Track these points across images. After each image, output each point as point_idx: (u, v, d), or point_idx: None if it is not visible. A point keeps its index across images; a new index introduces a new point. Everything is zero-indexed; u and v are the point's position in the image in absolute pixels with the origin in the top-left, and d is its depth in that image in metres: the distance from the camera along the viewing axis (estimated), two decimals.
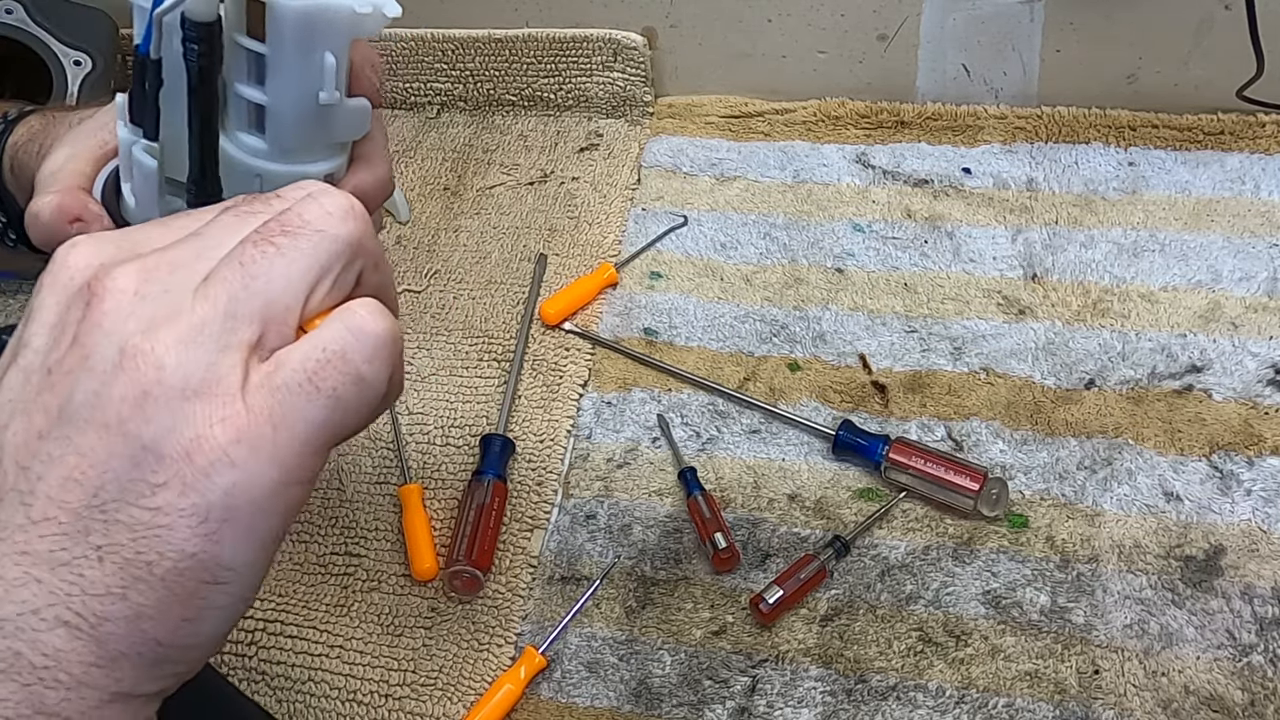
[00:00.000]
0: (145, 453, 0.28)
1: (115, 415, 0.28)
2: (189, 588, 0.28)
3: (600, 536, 0.74)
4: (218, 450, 0.28)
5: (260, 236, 0.30)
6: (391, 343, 0.31)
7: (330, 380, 0.29)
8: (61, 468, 0.28)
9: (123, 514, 0.28)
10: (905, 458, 0.71)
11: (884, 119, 0.95)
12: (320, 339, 0.30)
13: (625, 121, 1.00)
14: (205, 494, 0.28)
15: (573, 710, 0.66)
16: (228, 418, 0.28)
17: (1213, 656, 0.64)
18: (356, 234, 0.31)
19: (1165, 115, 0.90)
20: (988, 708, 0.63)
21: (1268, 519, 0.68)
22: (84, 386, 0.28)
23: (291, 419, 0.29)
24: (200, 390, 0.28)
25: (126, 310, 0.29)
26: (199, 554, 0.28)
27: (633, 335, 0.84)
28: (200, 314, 0.29)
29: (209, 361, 0.28)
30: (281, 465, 0.29)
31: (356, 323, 0.30)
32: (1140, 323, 0.79)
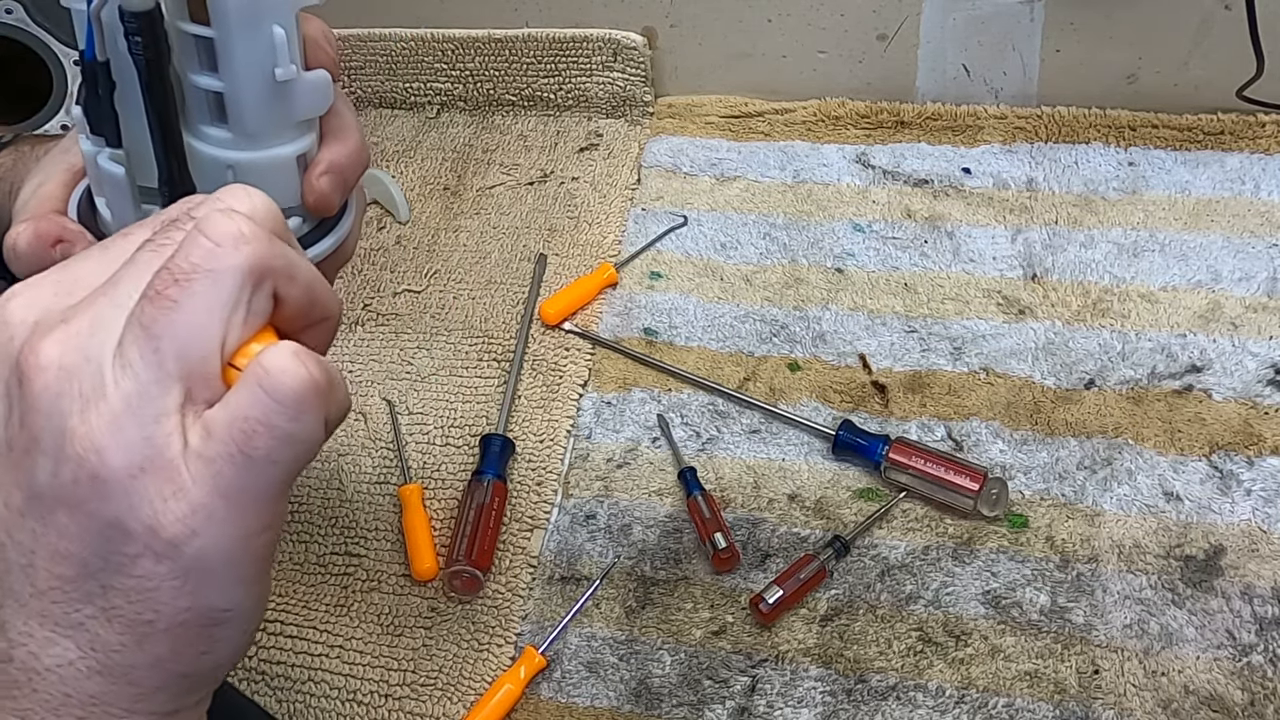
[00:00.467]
0: (113, 530, 0.29)
1: (76, 496, 0.29)
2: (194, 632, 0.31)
3: (600, 536, 0.74)
4: (177, 523, 0.29)
5: (155, 292, 0.29)
6: (313, 391, 0.30)
7: (261, 447, 0.29)
8: (46, 543, 0.29)
9: (114, 581, 0.29)
10: (905, 458, 0.71)
11: (884, 119, 0.95)
12: (239, 408, 0.29)
13: (625, 121, 1.00)
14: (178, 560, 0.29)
15: (573, 710, 0.66)
16: (177, 491, 0.29)
17: (1213, 656, 0.64)
18: (251, 259, 0.30)
19: (1165, 115, 0.90)
20: (988, 708, 0.63)
21: (1268, 519, 0.68)
22: (42, 468, 0.29)
23: (235, 488, 0.29)
24: (144, 466, 0.29)
25: (55, 389, 0.29)
26: (192, 607, 0.30)
27: (633, 335, 0.84)
28: (124, 389, 0.29)
29: (144, 436, 0.29)
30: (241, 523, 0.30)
31: (271, 383, 0.29)
32: (1140, 323, 0.79)
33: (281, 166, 0.42)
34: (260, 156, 0.41)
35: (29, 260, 0.43)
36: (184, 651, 0.31)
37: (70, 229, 0.44)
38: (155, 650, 0.30)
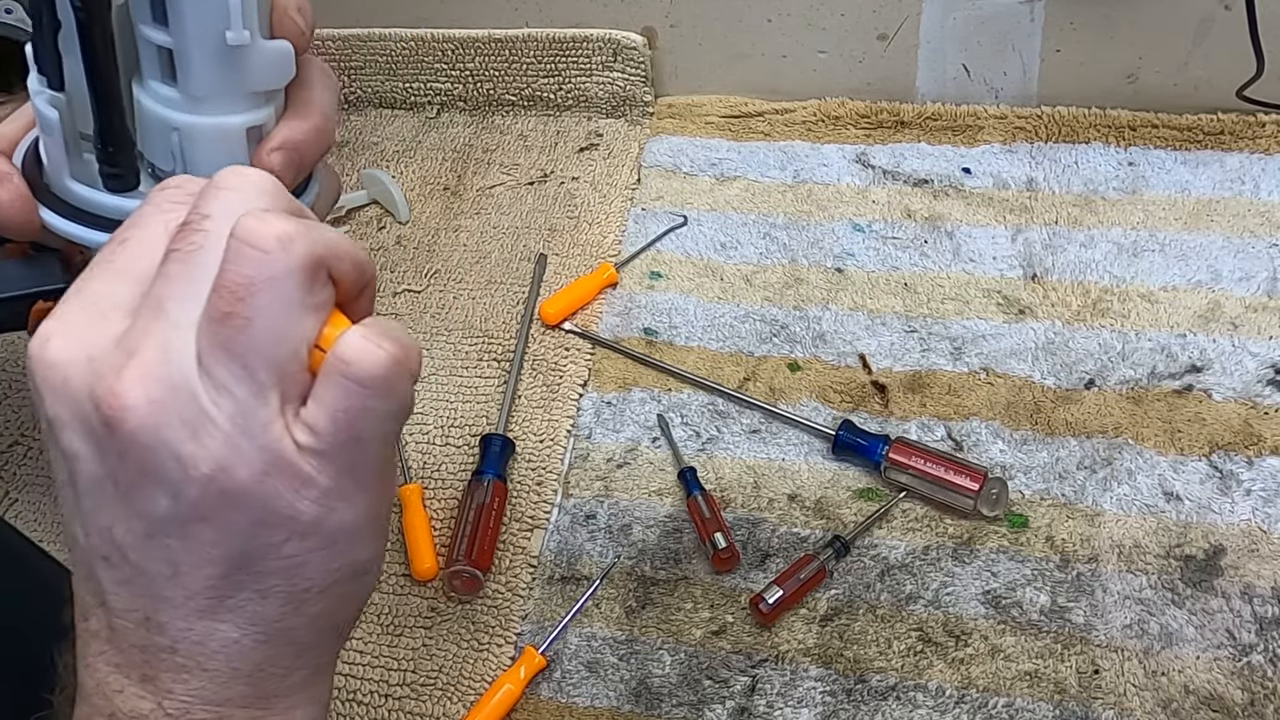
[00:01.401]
0: (255, 528, 0.30)
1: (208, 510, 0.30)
2: (344, 587, 0.33)
3: (600, 536, 0.74)
4: (313, 507, 0.31)
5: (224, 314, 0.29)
6: (394, 365, 0.31)
7: (365, 429, 0.31)
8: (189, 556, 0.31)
9: (263, 566, 0.31)
10: (905, 458, 0.71)
11: (884, 119, 0.95)
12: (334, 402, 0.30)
13: (625, 121, 1.00)
14: (322, 534, 0.31)
15: (573, 710, 0.66)
16: (305, 483, 0.31)
17: (1213, 656, 0.64)
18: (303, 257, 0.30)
19: (1165, 115, 0.90)
20: (987, 708, 0.63)
21: (1268, 519, 0.68)
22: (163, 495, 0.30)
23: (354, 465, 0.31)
24: (268, 471, 0.30)
25: (153, 423, 0.29)
26: (340, 566, 0.32)
27: (633, 335, 0.84)
28: (227, 410, 0.30)
29: (259, 446, 0.30)
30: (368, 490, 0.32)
31: (355, 372, 0.30)
32: (1140, 323, 0.79)
33: (229, 136, 0.40)
34: (207, 123, 0.40)
35: None
36: (337, 605, 0.33)
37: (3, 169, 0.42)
38: (312, 610, 0.32)
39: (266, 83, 0.40)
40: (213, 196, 0.31)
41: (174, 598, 0.31)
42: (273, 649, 0.32)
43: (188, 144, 0.40)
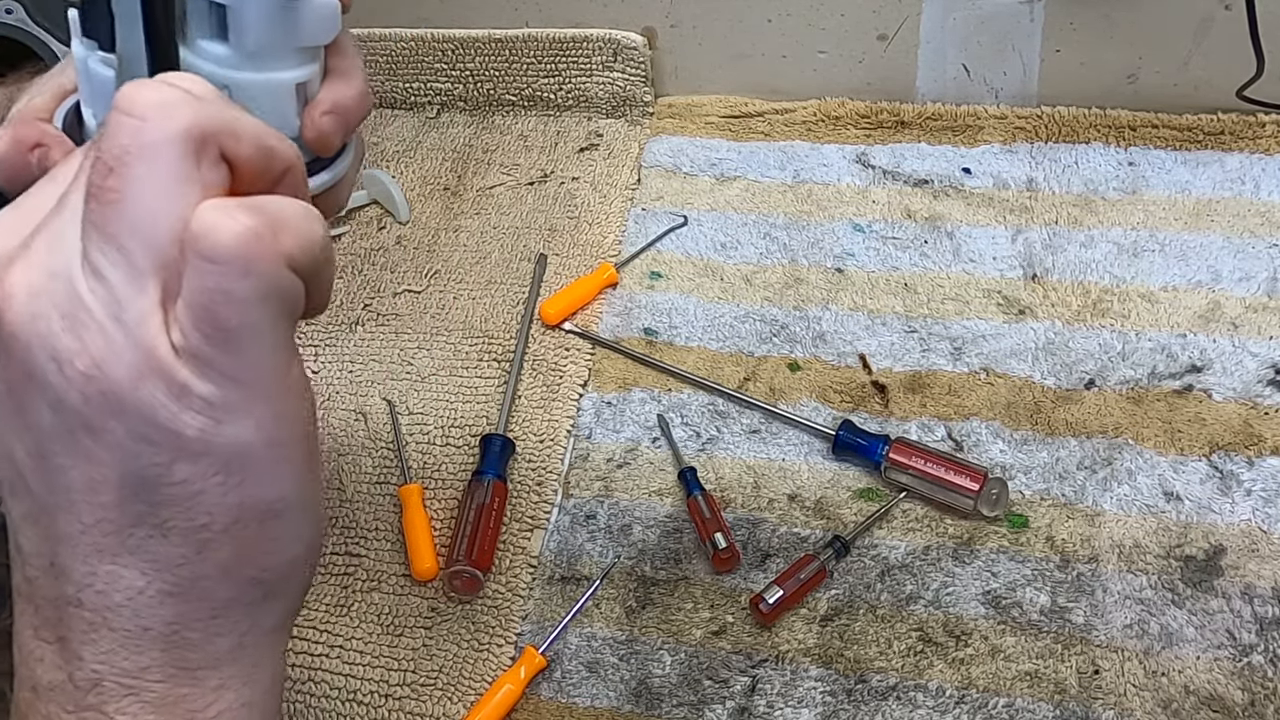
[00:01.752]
0: (137, 443, 0.27)
1: (88, 419, 0.27)
2: (252, 530, 0.29)
3: (600, 536, 0.74)
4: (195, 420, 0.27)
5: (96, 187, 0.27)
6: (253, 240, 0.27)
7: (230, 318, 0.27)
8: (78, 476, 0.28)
9: (158, 495, 0.28)
10: (905, 458, 0.71)
11: (884, 119, 0.95)
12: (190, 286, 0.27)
13: (625, 121, 1.00)
14: (212, 456, 0.28)
15: (573, 710, 0.66)
16: (182, 391, 0.27)
17: (1213, 656, 0.64)
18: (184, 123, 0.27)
19: (1165, 115, 0.90)
20: (988, 708, 0.63)
21: (1268, 519, 0.68)
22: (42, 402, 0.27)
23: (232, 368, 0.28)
24: (144, 372, 0.27)
25: (29, 312, 0.27)
26: (242, 502, 0.29)
27: (633, 335, 0.84)
28: (101, 297, 0.27)
29: (134, 341, 0.27)
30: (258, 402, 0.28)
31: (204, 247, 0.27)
32: (1140, 323, 0.79)
33: (279, 92, 0.40)
34: (258, 79, 0.39)
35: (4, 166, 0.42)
36: (248, 552, 0.29)
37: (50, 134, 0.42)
38: (218, 556, 0.29)
39: (316, 37, 0.41)
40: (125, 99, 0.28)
41: (71, 533, 0.28)
42: (184, 604, 0.29)
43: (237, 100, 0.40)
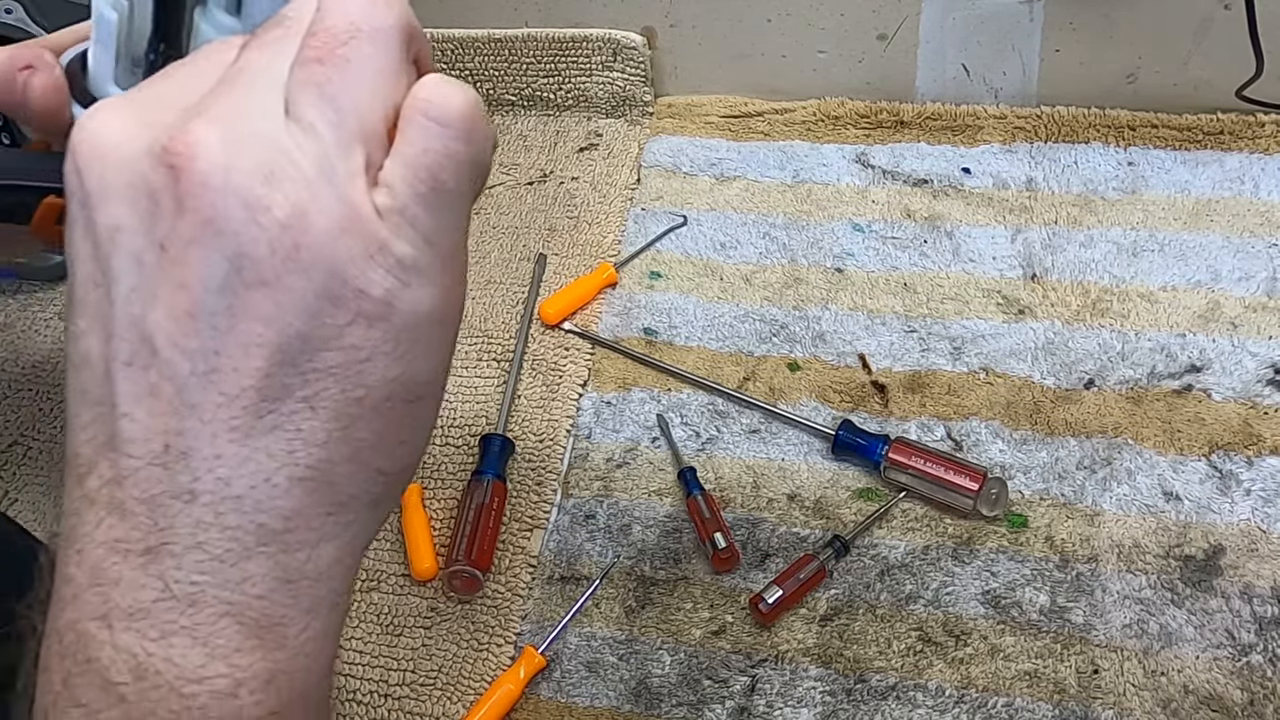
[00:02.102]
0: (320, 300, 0.27)
1: (271, 272, 0.26)
2: (398, 410, 0.29)
3: (600, 536, 0.74)
4: (386, 278, 0.27)
5: (320, 53, 0.28)
6: (478, 107, 0.29)
7: (447, 178, 0.28)
8: (234, 337, 0.27)
9: (317, 361, 0.27)
10: (905, 458, 0.71)
11: (884, 119, 0.95)
12: (415, 145, 0.28)
13: (625, 121, 1.00)
14: (390, 321, 0.28)
15: (572, 710, 0.66)
16: (380, 248, 0.27)
17: (1212, 656, 0.64)
18: (404, 17, 0.29)
19: (1165, 115, 0.90)
20: (987, 707, 0.63)
21: (1267, 519, 0.68)
22: (220, 254, 0.26)
23: (431, 229, 0.28)
24: (345, 227, 0.27)
25: (224, 163, 0.26)
26: (400, 376, 0.28)
27: (632, 335, 0.84)
28: (311, 151, 0.27)
29: (339, 196, 0.27)
30: (446, 275, 0.29)
31: (438, 111, 0.28)
32: (1140, 323, 0.79)
33: None
34: None
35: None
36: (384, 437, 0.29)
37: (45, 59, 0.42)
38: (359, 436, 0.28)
39: None
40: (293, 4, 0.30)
41: (204, 406, 0.27)
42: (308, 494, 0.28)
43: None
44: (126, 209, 0.27)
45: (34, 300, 0.95)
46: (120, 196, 0.27)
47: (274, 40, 0.29)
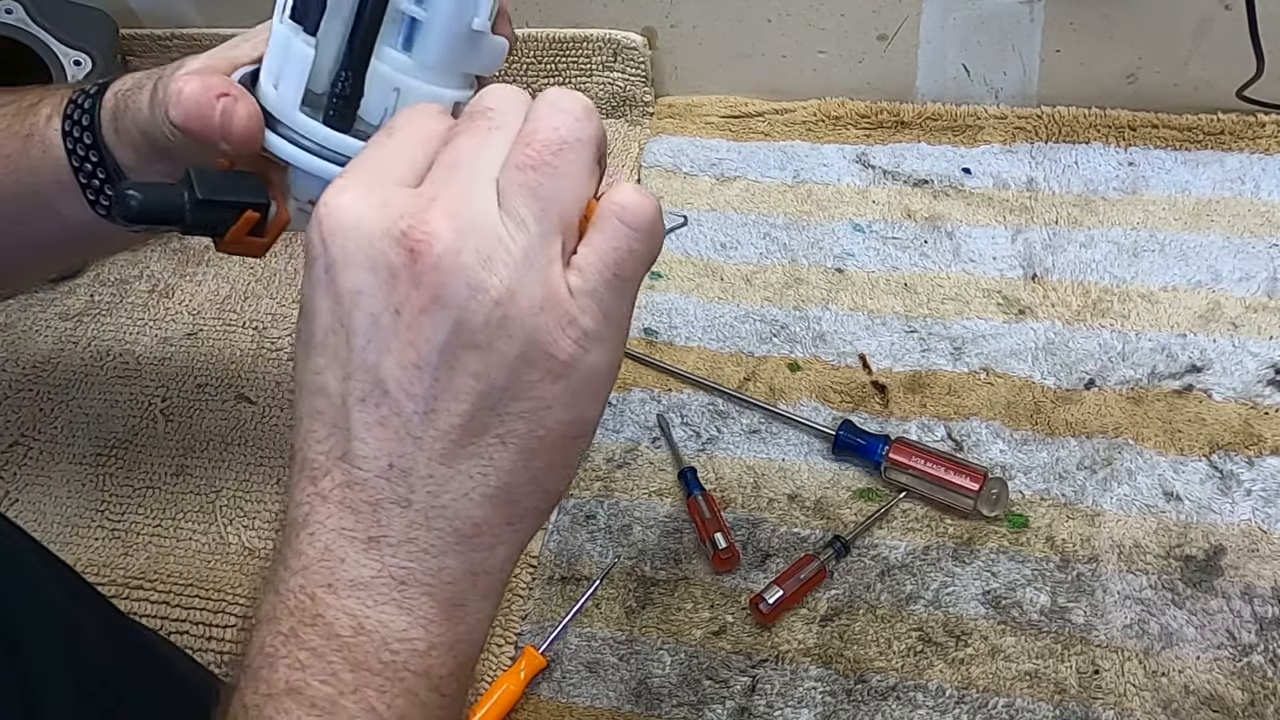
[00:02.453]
0: (519, 361, 0.34)
1: (485, 338, 0.33)
2: (567, 445, 0.36)
3: (600, 536, 0.74)
4: (571, 347, 0.34)
5: (534, 159, 0.34)
6: (660, 215, 0.35)
7: (628, 269, 0.35)
8: (452, 386, 0.33)
9: (512, 407, 0.34)
10: (905, 458, 0.71)
11: (884, 119, 0.95)
12: (607, 241, 0.35)
13: (625, 121, 1.00)
14: (570, 379, 0.34)
15: (573, 710, 0.66)
16: (570, 322, 0.34)
17: (1213, 656, 0.64)
18: (599, 130, 0.35)
19: (1165, 115, 0.90)
20: (988, 708, 0.63)
21: (1268, 519, 0.68)
22: (445, 321, 0.33)
23: (611, 308, 0.35)
24: (544, 305, 0.33)
25: (455, 248, 0.33)
26: (574, 419, 0.35)
27: (633, 335, 0.84)
28: (522, 243, 0.33)
29: (541, 280, 0.33)
30: (615, 338, 0.36)
31: (630, 215, 0.35)
32: (1140, 323, 0.79)
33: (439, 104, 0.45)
34: (426, 90, 0.45)
35: (189, 107, 0.46)
36: (556, 465, 0.36)
37: (237, 88, 0.46)
38: (536, 465, 0.35)
39: (483, 68, 0.47)
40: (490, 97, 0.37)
41: (422, 436, 0.34)
42: (494, 508, 0.35)
43: (403, 104, 0.44)
44: (367, 276, 0.33)
45: (34, 300, 0.95)
46: (361, 266, 0.33)
47: (484, 132, 0.35)
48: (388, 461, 0.34)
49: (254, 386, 0.86)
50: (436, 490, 0.34)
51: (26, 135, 0.55)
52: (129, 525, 0.79)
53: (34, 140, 0.55)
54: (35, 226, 0.58)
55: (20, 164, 0.55)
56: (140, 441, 0.84)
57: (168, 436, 0.84)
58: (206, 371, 0.87)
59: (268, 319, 0.90)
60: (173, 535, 0.78)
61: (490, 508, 0.35)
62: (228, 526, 0.78)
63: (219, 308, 0.92)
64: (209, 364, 0.88)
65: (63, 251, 0.67)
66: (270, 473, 0.80)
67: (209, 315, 0.91)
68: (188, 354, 0.89)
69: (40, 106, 0.55)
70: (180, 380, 0.87)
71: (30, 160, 0.55)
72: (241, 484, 0.80)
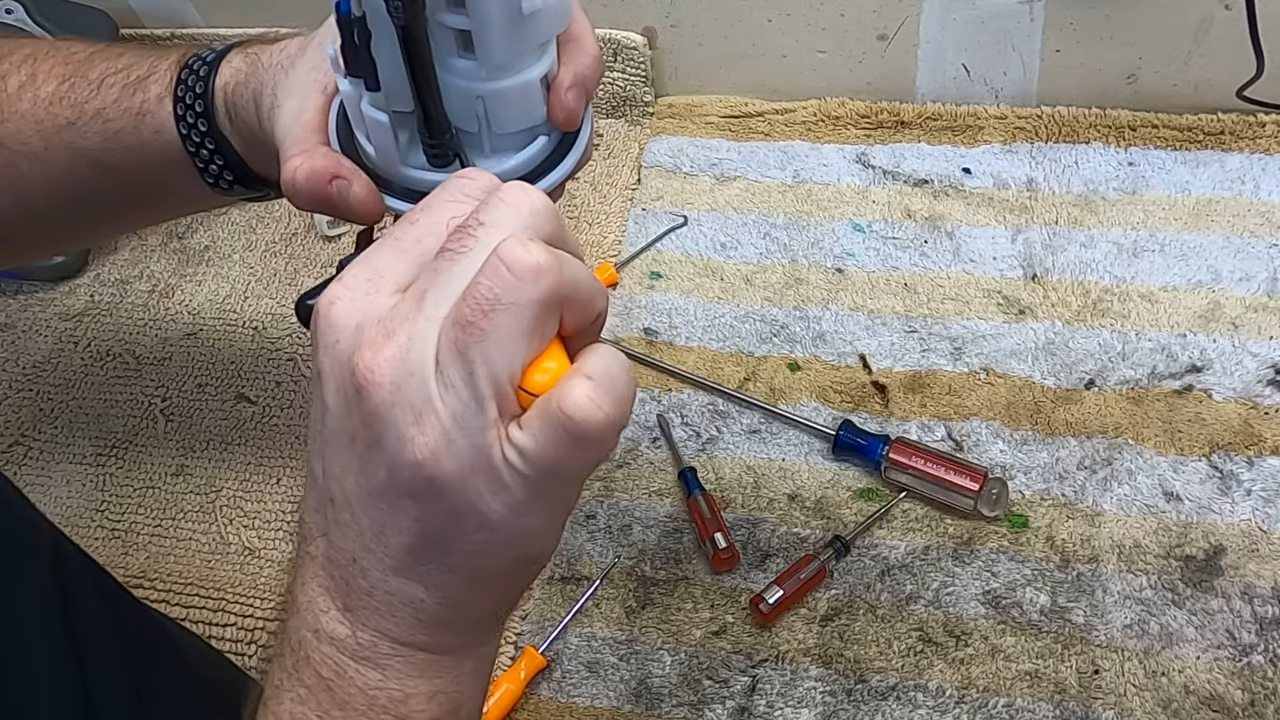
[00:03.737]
0: (449, 516, 0.34)
1: (415, 490, 0.33)
2: (517, 573, 0.37)
3: (600, 536, 0.74)
4: (503, 511, 0.34)
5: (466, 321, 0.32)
6: (612, 429, 0.33)
7: (569, 473, 0.34)
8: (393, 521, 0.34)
9: (453, 547, 0.35)
10: (905, 458, 0.71)
11: (884, 119, 0.95)
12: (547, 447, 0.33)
13: (625, 121, 1.00)
14: (506, 533, 0.34)
15: (573, 710, 0.66)
16: (501, 489, 0.33)
17: (1213, 656, 0.64)
18: (546, 292, 0.33)
19: (1165, 115, 0.90)
20: (988, 708, 0.63)
21: (1268, 519, 0.68)
22: (382, 465, 0.34)
23: (547, 493, 0.34)
24: (473, 469, 0.33)
25: (390, 400, 0.33)
26: (517, 556, 0.36)
27: (633, 335, 0.84)
28: (450, 406, 0.33)
29: (471, 445, 0.33)
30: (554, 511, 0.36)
31: (576, 429, 0.32)
32: (1140, 323, 0.79)
33: (528, 90, 0.44)
34: (508, 84, 0.43)
35: (307, 195, 0.47)
36: (509, 587, 0.38)
37: (344, 167, 0.47)
38: (488, 589, 0.37)
39: (552, 31, 0.44)
40: (493, 207, 0.35)
41: (376, 552, 0.35)
42: (451, 613, 0.36)
43: (491, 106, 0.44)
44: (335, 396, 0.35)
45: (34, 300, 0.95)
46: (332, 385, 0.35)
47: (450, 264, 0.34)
48: (351, 556, 0.36)
49: (254, 386, 0.86)
50: (394, 591, 0.36)
51: (138, 114, 0.55)
52: (129, 525, 0.79)
53: (145, 120, 0.55)
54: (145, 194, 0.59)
55: (130, 141, 0.56)
56: (140, 441, 0.84)
57: (168, 436, 0.84)
58: (206, 371, 0.87)
59: (268, 319, 0.90)
60: (173, 535, 0.78)
61: (448, 613, 0.36)
62: (228, 526, 0.78)
63: (219, 308, 0.92)
64: (209, 364, 0.88)
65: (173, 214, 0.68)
66: (270, 473, 0.80)
67: (209, 315, 0.91)
68: (188, 354, 0.89)
69: (149, 82, 0.56)
70: (180, 380, 0.87)
71: (142, 138, 0.55)
72: (241, 484, 0.80)
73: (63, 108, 0.56)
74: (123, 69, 0.57)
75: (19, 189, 0.57)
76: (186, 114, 0.54)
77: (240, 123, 0.54)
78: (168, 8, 1.06)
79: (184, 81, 0.55)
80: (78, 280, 0.96)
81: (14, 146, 0.56)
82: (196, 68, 0.55)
